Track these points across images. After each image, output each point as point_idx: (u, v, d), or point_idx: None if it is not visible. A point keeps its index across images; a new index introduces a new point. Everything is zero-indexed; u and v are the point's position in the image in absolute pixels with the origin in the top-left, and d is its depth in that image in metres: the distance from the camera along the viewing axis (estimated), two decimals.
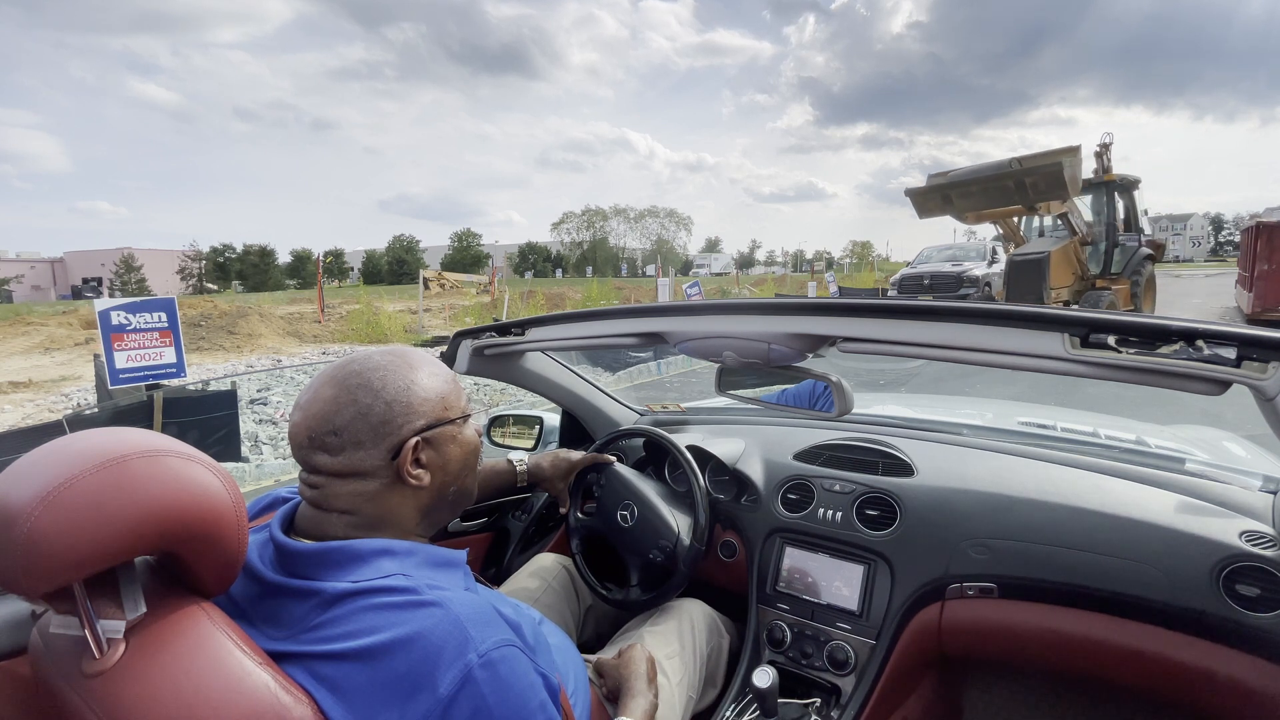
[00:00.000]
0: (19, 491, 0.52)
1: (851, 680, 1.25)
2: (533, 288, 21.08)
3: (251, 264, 59.48)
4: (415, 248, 71.85)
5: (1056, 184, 8.03)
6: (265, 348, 11.53)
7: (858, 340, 0.99)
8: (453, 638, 0.63)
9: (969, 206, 8.86)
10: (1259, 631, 0.97)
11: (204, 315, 12.81)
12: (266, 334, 12.34)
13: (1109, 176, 10.10)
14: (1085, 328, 0.78)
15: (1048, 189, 8.17)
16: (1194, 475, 1.22)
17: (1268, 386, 0.70)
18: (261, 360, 10.08)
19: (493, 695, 0.63)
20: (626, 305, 1.33)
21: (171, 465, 0.59)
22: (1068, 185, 8.03)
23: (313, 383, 0.75)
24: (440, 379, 0.80)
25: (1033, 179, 8.10)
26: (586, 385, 1.76)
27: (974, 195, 8.69)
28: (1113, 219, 10.04)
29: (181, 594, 0.64)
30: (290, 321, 13.81)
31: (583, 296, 16.83)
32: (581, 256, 63.48)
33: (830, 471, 1.45)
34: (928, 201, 9.05)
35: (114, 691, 0.56)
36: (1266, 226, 11.21)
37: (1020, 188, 8.22)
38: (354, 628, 0.63)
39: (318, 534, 0.73)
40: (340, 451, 0.72)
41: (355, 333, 12.88)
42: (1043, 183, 8.12)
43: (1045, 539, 1.16)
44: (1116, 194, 10.29)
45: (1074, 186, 8.32)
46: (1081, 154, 8.53)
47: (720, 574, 1.51)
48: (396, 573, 0.69)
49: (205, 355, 10.76)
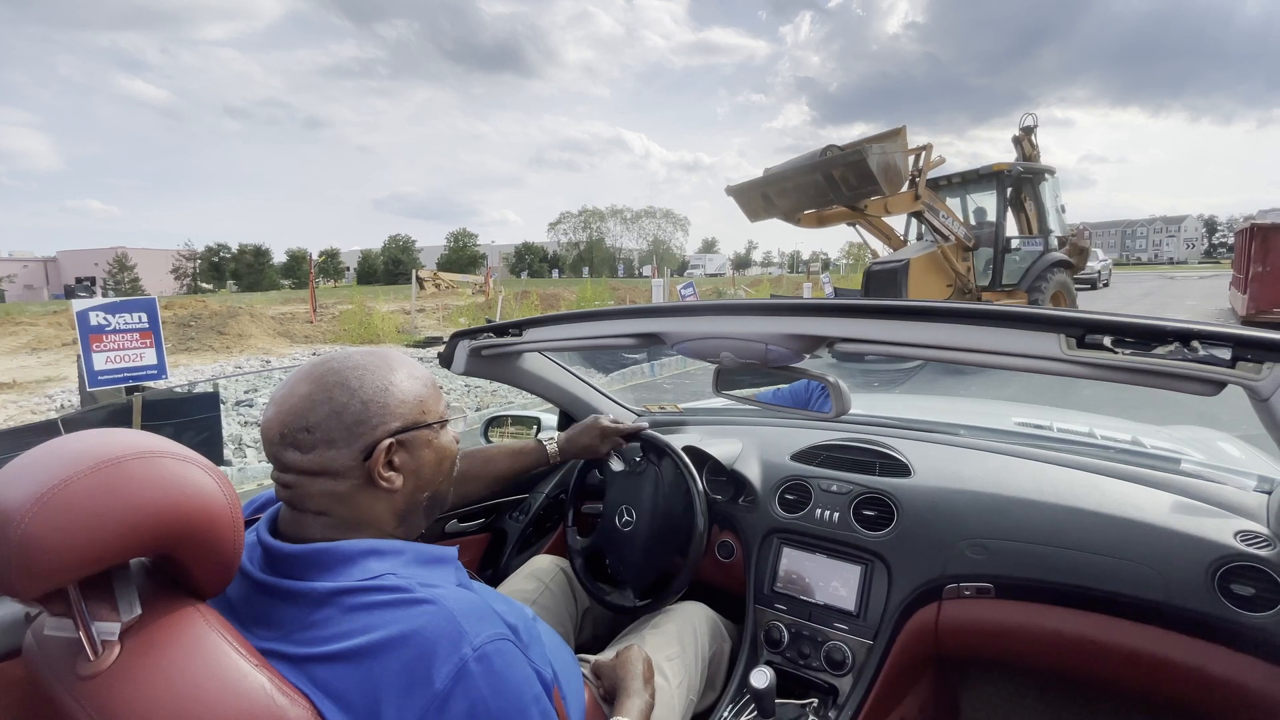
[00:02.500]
0: (13, 492, 0.52)
1: (849, 680, 1.25)
2: (527, 288, 20.98)
3: (246, 263, 59.31)
4: (411, 247, 71.76)
5: (865, 177, 6.63)
6: (255, 348, 11.34)
7: (855, 341, 0.99)
8: (446, 633, 0.62)
9: (790, 207, 7.46)
10: (1254, 631, 0.97)
11: (194, 315, 12.66)
12: (257, 334, 12.17)
13: (998, 167, 8.38)
14: (1081, 328, 0.78)
15: (859, 183, 6.74)
16: (1189, 475, 1.22)
17: (1262, 387, 0.70)
18: (250, 361, 9.96)
19: (488, 688, 0.62)
20: (624, 306, 1.34)
21: (167, 466, 0.58)
22: (878, 178, 6.61)
23: (289, 379, 0.74)
24: (419, 382, 0.78)
25: (840, 171, 6.70)
26: (583, 386, 1.76)
27: (790, 194, 7.30)
28: (1001, 219, 8.39)
29: (177, 596, 0.64)
30: (281, 322, 13.64)
31: (577, 297, 16.75)
32: (578, 257, 63.44)
33: (827, 472, 1.45)
34: (751, 202, 7.73)
35: (109, 694, 0.56)
36: (1261, 229, 11.02)
37: (831, 183, 6.83)
38: (347, 628, 0.63)
39: (298, 536, 0.72)
40: (312, 449, 0.70)
41: (347, 333, 12.71)
42: (852, 176, 6.70)
43: (1042, 539, 1.16)
44: (1022, 188, 8.66)
45: (891, 179, 6.88)
46: (905, 139, 7.13)
47: (718, 575, 1.51)
48: (386, 572, 0.68)
49: (194, 356, 10.59)
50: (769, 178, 7.51)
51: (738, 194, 7.80)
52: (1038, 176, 8.73)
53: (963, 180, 8.91)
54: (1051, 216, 8.78)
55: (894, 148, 7.01)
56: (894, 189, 7.13)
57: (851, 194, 6.95)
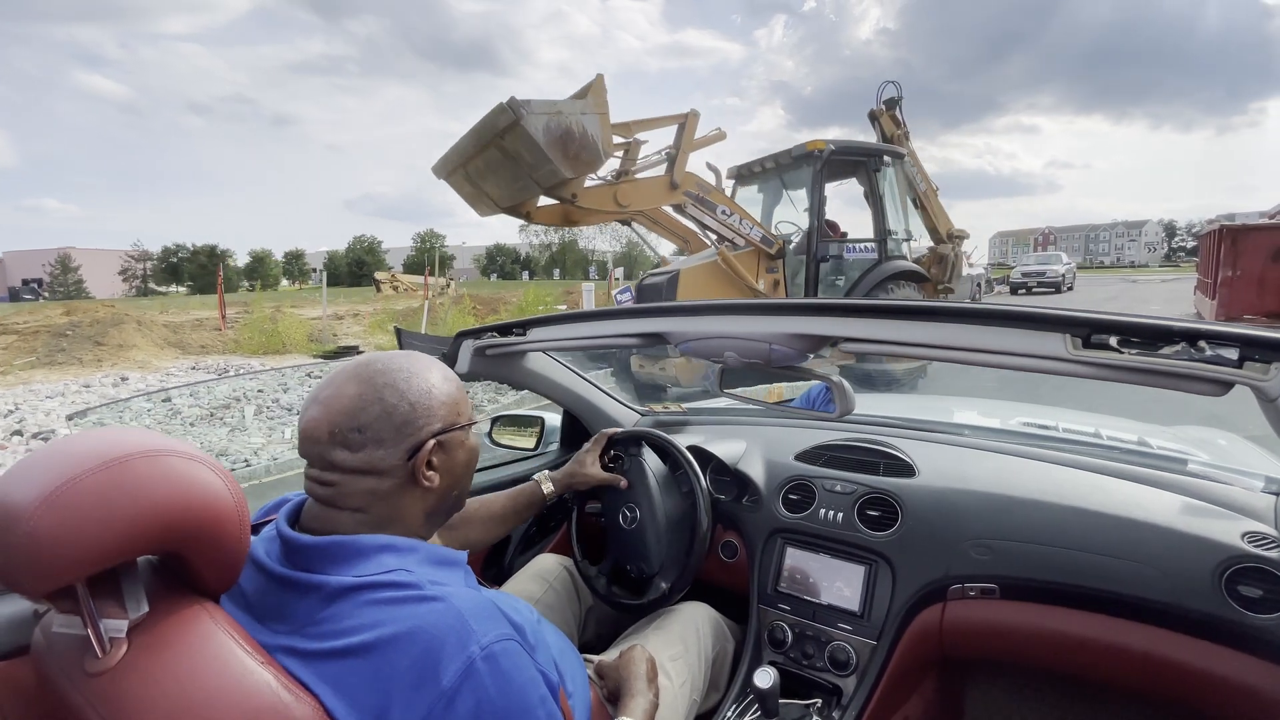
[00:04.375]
0: (22, 491, 0.52)
1: (853, 681, 1.24)
2: (466, 290, 19.93)
3: (200, 265, 57.36)
4: (377, 248, 70.31)
5: (530, 148, 4.63)
6: (133, 360, 10.03)
7: (859, 340, 0.97)
8: (455, 631, 0.63)
9: (499, 194, 5.33)
10: (1261, 633, 0.96)
11: (74, 324, 11.34)
12: (142, 344, 10.79)
13: (811, 146, 6.12)
14: (1087, 328, 0.77)
15: (533, 159, 4.71)
16: (1196, 476, 1.21)
17: (1269, 387, 0.70)
18: (105, 379, 8.67)
19: (495, 687, 0.62)
20: (629, 306, 1.28)
21: (174, 465, 0.58)
22: (546, 150, 4.60)
23: (334, 379, 0.75)
24: (454, 384, 0.81)
25: (510, 141, 4.71)
26: (587, 385, 1.75)
27: (489, 176, 5.23)
28: (816, 216, 6.22)
29: (184, 593, 0.64)
30: (176, 330, 12.28)
31: (522, 300, 15.73)
32: (550, 259, 62.25)
33: (831, 472, 1.45)
34: (461, 188, 5.64)
35: (116, 691, 0.56)
36: (1231, 230, 10.33)
37: (508, 157, 4.88)
38: (356, 623, 0.63)
39: (325, 530, 0.73)
40: (361, 449, 0.72)
41: (248, 342, 11.50)
42: (522, 148, 4.69)
43: (1047, 540, 1.16)
44: (855, 175, 6.58)
45: (577, 153, 4.80)
46: (603, 94, 5.02)
47: (721, 574, 1.50)
48: (399, 568, 0.69)
49: (54, 371, 9.26)
50: (458, 153, 5.31)
51: (448, 178, 5.63)
52: (873, 160, 6.49)
53: (776, 165, 6.74)
54: (894, 214, 6.64)
55: (584, 107, 4.88)
56: (584, 166, 4.98)
57: (531, 173, 4.88)
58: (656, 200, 5.78)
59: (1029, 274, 23.72)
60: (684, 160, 5.78)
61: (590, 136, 4.90)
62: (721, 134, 6.19)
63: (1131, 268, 60.84)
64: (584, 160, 4.92)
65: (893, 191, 6.70)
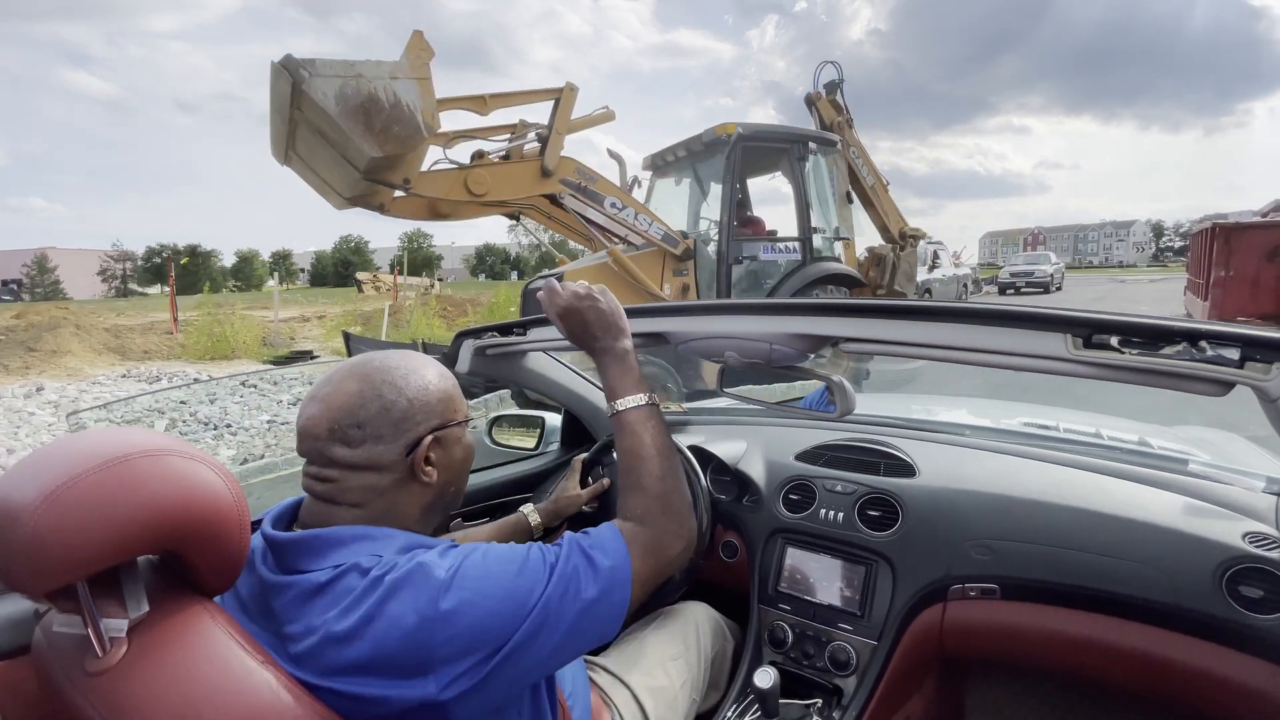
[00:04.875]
0: (22, 490, 0.52)
1: (853, 681, 1.24)
2: (447, 291, 19.46)
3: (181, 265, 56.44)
4: (364, 249, 69.57)
5: (317, 114, 3.80)
6: (64, 368, 9.42)
7: (859, 340, 0.97)
8: (431, 567, 0.66)
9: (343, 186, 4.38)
10: (1262, 633, 0.96)
11: (8, 328, 10.71)
12: (78, 350, 10.14)
13: (722, 130, 5.39)
14: (1088, 328, 0.77)
15: (334, 134, 3.87)
16: (1197, 476, 1.21)
17: (1271, 387, 0.69)
18: (22, 388, 8.05)
19: (473, 584, 0.66)
20: (630, 305, 1.21)
21: (175, 464, 0.59)
22: (336, 116, 3.72)
23: (333, 377, 0.76)
24: (450, 381, 0.83)
25: (305, 110, 3.89)
26: (588, 385, 1.75)
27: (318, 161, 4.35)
28: (728, 209, 5.46)
29: (184, 593, 0.64)
30: (121, 334, 11.64)
31: (492, 300, 15.23)
32: (540, 258, 61.71)
33: (832, 472, 1.45)
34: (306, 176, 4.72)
35: (117, 690, 0.56)
36: (1224, 229, 9.86)
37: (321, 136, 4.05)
38: (335, 613, 0.65)
39: (321, 525, 0.73)
40: (361, 444, 0.73)
41: (194, 347, 10.88)
42: (312, 115, 3.86)
43: (1047, 540, 1.15)
44: (778, 164, 5.87)
45: (380, 124, 3.84)
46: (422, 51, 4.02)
47: (721, 574, 1.50)
48: (373, 554, 0.70)
49: None
50: (275, 132, 4.37)
51: (287, 164, 4.68)
52: (796, 147, 5.68)
53: (689, 153, 5.96)
54: (821, 209, 5.88)
55: (394, 70, 3.91)
56: (399, 143, 3.96)
57: (342, 152, 3.99)
58: (524, 190, 4.83)
59: (1017, 274, 23.43)
60: (558, 143, 4.86)
61: (405, 106, 3.92)
62: (609, 114, 5.32)
63: (1120, 268, 60.95)
64: (396, 135, 3.92)
65: (821, 184, 5.95)
